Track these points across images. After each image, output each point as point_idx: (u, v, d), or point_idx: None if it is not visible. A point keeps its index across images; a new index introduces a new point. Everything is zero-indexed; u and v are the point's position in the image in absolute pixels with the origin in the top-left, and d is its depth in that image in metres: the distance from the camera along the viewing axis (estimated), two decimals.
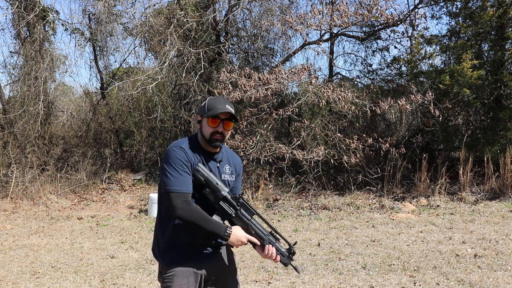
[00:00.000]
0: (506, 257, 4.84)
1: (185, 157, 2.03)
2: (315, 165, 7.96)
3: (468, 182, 7.90)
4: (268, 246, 2.09)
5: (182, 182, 1.99)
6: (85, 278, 4.54)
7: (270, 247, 2.09)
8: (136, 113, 10.78)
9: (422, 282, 4.20)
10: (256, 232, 2.10)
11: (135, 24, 9.46)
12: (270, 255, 2.09)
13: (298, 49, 9.80)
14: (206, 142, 2.11)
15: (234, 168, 2.26)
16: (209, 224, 1.99)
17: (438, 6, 9.65)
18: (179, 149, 2.04)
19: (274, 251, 2.10)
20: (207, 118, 2.09)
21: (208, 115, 2.09)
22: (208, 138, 2.10)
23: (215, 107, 2.09)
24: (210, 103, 2.12)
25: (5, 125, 9.76)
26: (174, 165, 2.01)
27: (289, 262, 2.15)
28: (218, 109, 2.08)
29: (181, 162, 2.01)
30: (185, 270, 2.07)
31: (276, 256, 2.10)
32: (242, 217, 2.10)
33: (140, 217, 7.33)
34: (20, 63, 10.13)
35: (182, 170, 2.01)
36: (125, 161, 10.76)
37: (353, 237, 5.84)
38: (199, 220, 1.97)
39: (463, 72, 7.82)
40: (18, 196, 8.24)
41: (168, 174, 2.00)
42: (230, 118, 2.13)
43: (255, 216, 2.13)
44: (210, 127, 2.09)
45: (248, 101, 7.93)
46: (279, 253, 2.12)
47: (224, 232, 2.01)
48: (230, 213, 2.09)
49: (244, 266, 4.76)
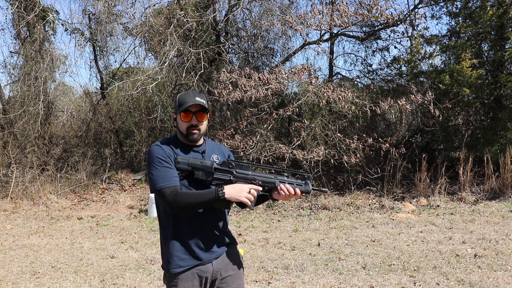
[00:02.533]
0: (506, 257, 4.84)
1: (162, 152, 2.05)
2: (315, 165, 7.96)
3: (468, 182, 7.90)
4: (281, 186, 2.06)
5: (165, 177, 2.00)
6: (85, 278, 4.54)
7: (283, 186, 2.06)
8: (136, 113, 10.78)
9: (422, 282, 4.20)
10: (262, 180, 2.06)
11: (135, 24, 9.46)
12: (288, 192, 2.06)
13: (298, 49, 9.80)
14: (184, 137, 2.13)
15: (222, 155, 2.24)
16: (201, 196, 1.97)
17: (438, 6, 9.65)
18: (156, 147, 2.08)
19: (290, 187, 2.06)
20: (180, 114, 2.10)
21: (180, 110, 2.09)
22: (185, 133, 2.11)
23: (185, 101, 2.09)
24: (180, 99, 2.12)
25: (5, 125, 9.76)
26: (154, 163, 2.03)
27: (310, 188, 2.10)
28: (188, 103, 2.07)
29: (159, 159, 2.03)
30: (189, 273, 2.06)
31: (294, 189, 2.07)
32: (241, 175, 2.08)
33: (140, 217, 7.33)
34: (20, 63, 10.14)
35: (163, 166, 2.02)
36: (125, 161, 10.76)
37: (353, 237, 5.84)
38: (191, 198, 1.96)
39: (462, 72, 7.82)
40: (18, 196, 8.24)
41: (151, 175, 2.03)
42: (202, 110, 2.11)
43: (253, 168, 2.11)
44: (183, 122, 2.10)
45: (248, 101, 7.93)
46: (295, 186, 2.08)
47: (216, 193, 1.96)
48: (228, 179, 2.06)
49: (244, 266, 4.75)
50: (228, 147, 5.46)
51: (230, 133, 8.05)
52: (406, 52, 9.89)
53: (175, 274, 2.06)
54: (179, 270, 2.05)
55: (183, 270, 2.05)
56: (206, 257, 2.08)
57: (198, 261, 2.07)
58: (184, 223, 2.05)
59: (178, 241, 2.06)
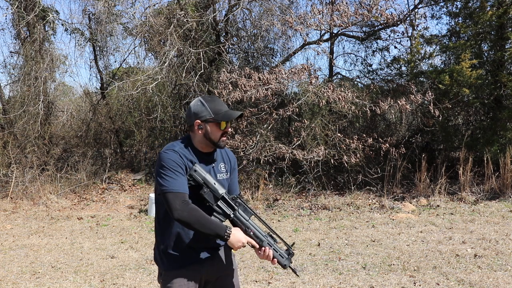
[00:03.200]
0: (506, 257, 4.84)
1: (178, 159, 2.00)
2: (315, 165, 7.96)
3: (468, 182, 7.90)
4: (266, 248, 2.07)
5: (178, 183, 1.96)
6: (85, 278, 4.54)
7: (267, 249, 2.06)
8: (136, 113, 10.78)
9: (422, 282, 4.20)
10: (255, 233, 2.06)
11: (135, 24, 9.46)
12: (267, 256, 2.06)
13: (298, 49, 9.80)
14: (212, 144, 2.08)
15: (229, 164, 2.24)
16: (209, 224, 1.95)
17: (438, 6, 9.65)
18: (172, 152, 2.01)
19: (271, 253, 2.07)
20: (218, 122, 2.05)
21: (219, 119, 2.04)
22: (217, 141, 2.07)
23: (221, 110, 2.06)
24: (213, 107, 2.07)
25: (5, 125, 9.76)
26: (168, 167, 1.97)
27: (288, 264, 2.12)
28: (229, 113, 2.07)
29: (176, 164, 1.98)
30: (185, 273, 2.06)
31: (273, 258, 2.08)
32: (240, 217, 2.07)
33: (140, 217, 7.33)
34: (20, 63, 10.14)
35: (177, 172, 1.97)
36: (125, 161, 10.77)
37: (353, 237, 5.84)
38: (199, 220, 1.93)
39: (462, 72, 7.82)
40: (18, 196, 8.25)
41: (164, 176, 1.97)
42: None
43: (253, 217, 2.11)
44: (221, 130, 2.07)
45: (248, 101, 7.93)
46: (277, 255, 2.10)
47: (224, 232, 1.96)
48: (229, 214, 2.05)
49: (244, 266, 4.76)
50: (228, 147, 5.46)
51: (230, 133, 8.05)
52: (406, 52, 9.89)
53: (170, 273, 2.06)
54: (174, 269, 2.05)
55: (178, 270, 2.05)
56: (201, 256, 2.09)
57: (193, 260, 2.07)
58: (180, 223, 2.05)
59: (173, 240, 2.06)
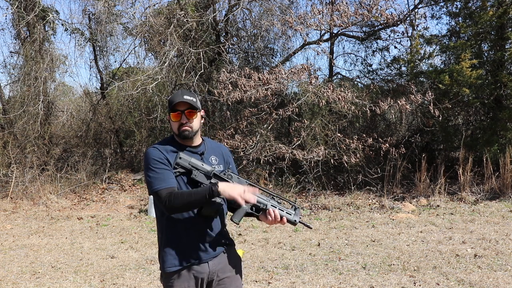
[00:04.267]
0: (506, 257, 4.84)
1: (159, 154, 2.04)
2: (315, 165, 7.96)
3: (468, 182, 7.90)
4: (270, 209, 2.06)
5: (162, 179, 2.00)
6: (85, 278, 4.54)
7: (274, 210, 2.06)
8: (136, 113, 10.78)
9: (422, 282, 4.21)
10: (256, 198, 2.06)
11: (135, 24, 9.46)
12: (275, 218, 2.06)
13: (298, 49, 9.80)
14: (178, 136, 2.13)
15: (221, 157, 2.23)
16: (195, 194, 1.96)
17: (438, 6, 9.65)
18: (152, 149, 2.07)
19: (278, 213, 2.07)
20: (170, 114, 2.11)
21: (169, 110, 2.11)
22: (177, 133, 2.11)
23: (173, 101, 2.09)
24: (170, 99, 2.12)
25: (5, 125, 9.76)
26: (151, 165, 2.03)
27: (297, 219, 2.11)
28: (175, 102, 2.07)
29: (156, 161, 2.03)
30: (186, 273, 2.06)
31: (281, 217, 2.07)
32: None
33: (140, 217, 7.33)
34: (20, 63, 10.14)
35: (159, 168, 2.02)
36: (125, 161, 10.77)
37: (353, 237, 5.85)
38: (186, 197, 1.95)
39: (462, 72, 7.82)
40: (18, 196, 8.24)
41: (148, 177, 2.03)
42: (191, 108, 2.09)
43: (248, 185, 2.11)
44: (174, 121, 2.10)
45: (248, 101, 7.93)
46: (284, 213, 2.09)
47: (209, 189, 1.94)
48: None
49: (244, 266, 4.76)
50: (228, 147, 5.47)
51: (230, 133, 8.05)
52: (406, 52, 9.89)
53: (171, 274, 2.06)
54: (174, 269, 2.05)
55: (178, 270, 2.05)
56: (202, 257, 2.08)
57: (194, 261, 2.06)
58: (180, 223, 2.05)
59: (173, 240, 2.06)
